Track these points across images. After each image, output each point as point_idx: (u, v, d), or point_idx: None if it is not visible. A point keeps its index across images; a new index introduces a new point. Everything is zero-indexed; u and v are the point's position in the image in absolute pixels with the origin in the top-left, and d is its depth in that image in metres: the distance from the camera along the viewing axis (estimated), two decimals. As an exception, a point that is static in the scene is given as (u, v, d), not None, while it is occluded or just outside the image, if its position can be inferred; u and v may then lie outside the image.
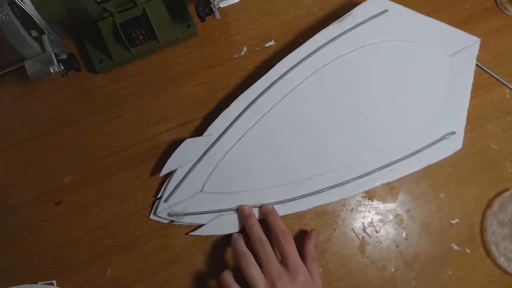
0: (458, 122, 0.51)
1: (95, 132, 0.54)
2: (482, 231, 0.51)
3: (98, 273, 0.50)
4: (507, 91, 0.54)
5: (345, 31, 0.50)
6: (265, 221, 0.48)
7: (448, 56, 0.51)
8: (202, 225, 0.50)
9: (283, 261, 0.45)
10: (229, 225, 0.49)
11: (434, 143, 0.50)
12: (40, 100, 0.55)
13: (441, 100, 0.51)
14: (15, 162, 0.53)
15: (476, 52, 0.51)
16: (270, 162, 0.49)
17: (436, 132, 0.51)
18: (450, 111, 0.51)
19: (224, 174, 0.49)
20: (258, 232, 0.47)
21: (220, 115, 0.50)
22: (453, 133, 0.50)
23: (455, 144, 0.50)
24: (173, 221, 0.50)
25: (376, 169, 0.49)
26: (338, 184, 0.49)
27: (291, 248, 0.45)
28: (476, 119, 0.53)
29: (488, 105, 0.54)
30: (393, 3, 0.51)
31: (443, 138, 0.50)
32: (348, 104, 0.50)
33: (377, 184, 0.49)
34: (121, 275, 0.50)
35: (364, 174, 0.49)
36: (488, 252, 0.50)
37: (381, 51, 0.51)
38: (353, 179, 0.49)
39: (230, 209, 0.49)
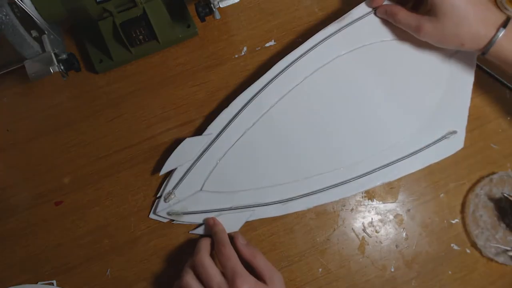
0: (459, 121, 0.51)
1: (95, 132, 0.54)
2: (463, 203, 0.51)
3: (98, 273, 0.50)
4: (507, 91, 0.54)
5: (344, 32, 0.50)
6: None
7: (448, 56, 0.51)
8: (201, 224, 0.50)
9: (223, 272, 0.44)
10: (229, 224, 0.49)
11: (435, 142, 0.50)
12: (40, 100, 0.55)
13: (442, 100, 0.51)
14: (15, 162, 0.53)
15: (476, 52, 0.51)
16: (270, 161, 0.49)
17: (437, 131, 0.50)
18: (451, 110, 0.51)
19: (223, 173, 0.49)
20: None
21: (220, 114, 0.50)
22: (454, 132, 0.50)
23: (456, 143, 0.50)
24: (173, 220, 0.50)
25: (377, 168, 0.49)
26: (338, 184, 0.49)
27: (226, 258, 0.44)
28: (476, 119, 0.53)
29: (488, 105, 0.54)
30: (392, 3, 0.51)
31: (444, 137, 0.50)
32: (348, 104, 0.50)
33: (378, 183, 0.49)
34: (121, 275, 0.50)
35: (364, 174, 0.49)
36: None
37: (380, 51, 0.51)
38: (353, 178, 0.49)
39: (229, 208, 0.49)
